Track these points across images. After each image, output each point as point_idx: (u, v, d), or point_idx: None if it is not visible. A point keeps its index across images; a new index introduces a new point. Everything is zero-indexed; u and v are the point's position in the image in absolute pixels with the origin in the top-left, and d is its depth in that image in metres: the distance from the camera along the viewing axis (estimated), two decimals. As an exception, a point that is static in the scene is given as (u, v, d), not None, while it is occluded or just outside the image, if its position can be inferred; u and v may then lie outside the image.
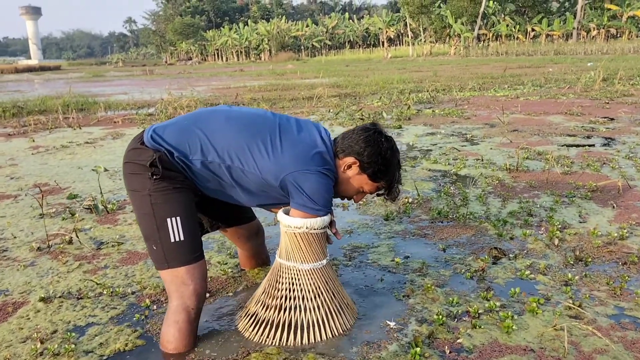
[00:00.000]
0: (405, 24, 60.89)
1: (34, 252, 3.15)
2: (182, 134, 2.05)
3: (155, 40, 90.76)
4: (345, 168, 2.09)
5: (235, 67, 45.71)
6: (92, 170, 4.67)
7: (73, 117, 9.80)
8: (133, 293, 2.57)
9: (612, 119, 7.34)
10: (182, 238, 2.01)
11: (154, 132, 2.05)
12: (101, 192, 4.14)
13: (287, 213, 2.12)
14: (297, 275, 2.12)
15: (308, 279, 2.12)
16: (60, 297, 2.55)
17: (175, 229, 2.00)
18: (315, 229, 2.07)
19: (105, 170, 3.88)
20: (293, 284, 2.12)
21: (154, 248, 2.02)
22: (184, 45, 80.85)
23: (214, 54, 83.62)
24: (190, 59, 79.20)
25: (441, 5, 53.23)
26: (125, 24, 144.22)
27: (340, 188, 2.14)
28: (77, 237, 3.29)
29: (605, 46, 34.94)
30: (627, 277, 2.50)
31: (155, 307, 2.42)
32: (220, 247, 3.16)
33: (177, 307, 2.02)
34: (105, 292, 2.56)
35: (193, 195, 2.13)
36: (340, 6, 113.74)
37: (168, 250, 2.00)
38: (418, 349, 1.93)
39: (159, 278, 2.74)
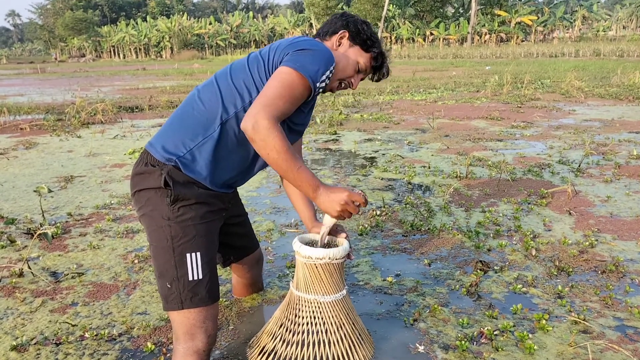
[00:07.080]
0: (311, 25, 61.53)
1: (-21, 290, 2.76)
2: (188, 119, 1.87)
3: (43, 35, 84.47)
4: (337, 45, 2.01)
5: (136, 65, 43.73)
6: (34, 191, 4.19)
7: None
8: (121, 335, 2.31)
9: (530, 124, 7.85)
10: (200, 277, 1.83)
11: (162, 142, 1.85)
12: (43, 215, 3.71)
13: (304, 242, 2.03)
14: (319, 308, 2.01)
15: (330, 312, 2.01)
16: (35, 343, 2.24)
17: (194, 265, 1.83)
18: (337, 259, 1.98)
19: (50, 191, 3.47)
20: (315, 318, 2.01)
21: (168, 286, 1.82)
22: (75, 41, 75.97)
23: (110, 51, 79.44)
24: (84, 55, 74.73)
25: (344, 7, 54.37)
26: (8, 18, 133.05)
27: (339, 67, 1.98)
28: (30, 269, 2.93)
29: (498, 50, 37.49)
30: (610, 287, 2.65)
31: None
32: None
33: (187, 349, 1.84)
34: (87, 335, 2.29)
35: (217, 223, 1.96)
36: (243, 4, 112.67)
37: (185, 289, 1.81)
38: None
39: (141, 315, 2.50)
